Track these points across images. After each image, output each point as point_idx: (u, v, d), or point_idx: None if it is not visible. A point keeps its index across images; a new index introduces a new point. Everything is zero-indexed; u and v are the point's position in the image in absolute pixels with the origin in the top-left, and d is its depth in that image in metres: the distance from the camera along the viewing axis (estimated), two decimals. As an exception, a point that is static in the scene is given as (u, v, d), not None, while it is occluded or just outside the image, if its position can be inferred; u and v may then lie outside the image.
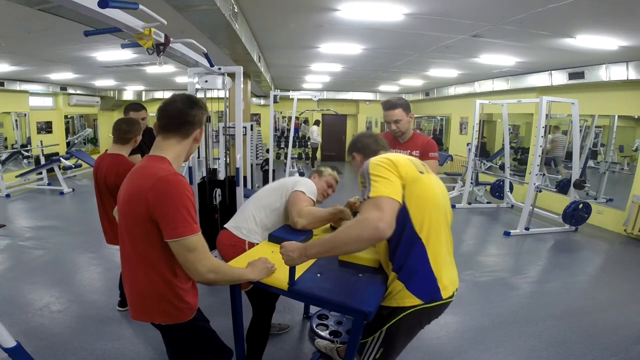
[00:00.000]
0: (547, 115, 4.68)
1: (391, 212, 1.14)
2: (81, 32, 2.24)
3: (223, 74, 3.34)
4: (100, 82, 8.29)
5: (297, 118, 10.81)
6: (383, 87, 9.91)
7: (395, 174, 1.24)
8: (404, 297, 1.28)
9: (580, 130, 5.45)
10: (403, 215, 1.24)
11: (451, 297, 1.33)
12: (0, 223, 4.75)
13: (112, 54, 4.82)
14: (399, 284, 1.29)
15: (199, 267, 1.15)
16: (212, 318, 1.48)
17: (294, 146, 8.28)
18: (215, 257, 1.90)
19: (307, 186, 1.98)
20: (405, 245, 1.28)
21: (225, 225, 2.01)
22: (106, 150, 2.40)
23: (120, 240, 1.25)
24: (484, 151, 8.15)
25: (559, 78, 5.36)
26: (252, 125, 5.22)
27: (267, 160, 7.35)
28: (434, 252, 1.29)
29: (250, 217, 1.95)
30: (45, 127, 8.39)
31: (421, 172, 1.32)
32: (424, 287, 1.28)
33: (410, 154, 2.39)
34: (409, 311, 1.28)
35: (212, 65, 3.16)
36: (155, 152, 1.23)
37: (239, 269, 1.38)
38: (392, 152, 1.57)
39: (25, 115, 7.81)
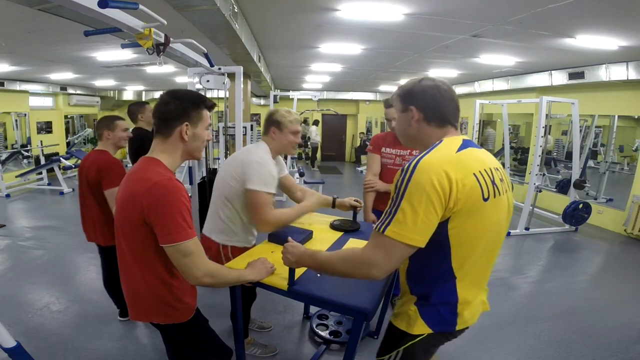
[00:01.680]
0: (547, 115, 4.69)
1: (396, 262, 0.99)
2: (81, 32, 2.25)
3: (223, 74, 3.35)
4: (100, 82, 8.29)
5: (297, 118, 10.80)
6: (383, 87, 9.91)
7: (438, 210, 0.95)
8: (414, 325, 1.12)
9: (580, 130, 5.46)
10: (442, 251, 1.03)
11: (467, 327, 1.17)
12: (0, 223, 4.75)
13: (112, 54, 4.82)
14: (413, 308, 1.13)
15: (195, 272, 1.14)
16: (211, 318, 1.48)
17: (294, 146, 8.27)
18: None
19: (260, 176, 1.65)
20: (435, 279, 1.10)
21: (203, 229, 1.87)
22: (93, 147, 2.37)
23: (117, 242, 1.24)
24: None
25: (559, 78, 5.36)
26: (252, 125, 5.23)
27: (267, 160, 7.34)
28: (466, 289, 1.10)
29: (217, 214, 1.79)
30: (45, 127, 8.38)
31: (485, 199, 0.99)
32: (439, 320, 1.12)
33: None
34: (420, 338, 1.14)
35: (212, 65, 3.16)
36: (149, 153, 1.22)
37: (237, 271, 1.36)
38: (454, 143, 1.06)
39: (25, 115, 7.80)
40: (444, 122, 1.10)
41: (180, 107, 1.18)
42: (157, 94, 10.60)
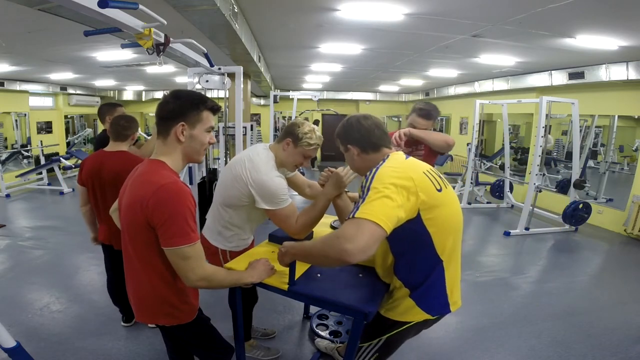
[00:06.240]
0: (547, 115, 4.69)
1: (369, 238, 1.01)
2: (81, 32, 2.25)
3: (223, 74, 3.35)
4: (100, 82, 8.29)
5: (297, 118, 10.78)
6: (383, 87, 9.91)
7: (403, 197, 1.09)
8: (415, 314, 1.25)
9: (580, 130, 5.45)
10: (425, 240, 1.19)
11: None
12: (0, 223, 4.75)
13: (112, 54, 4.82)
14: (410, 301, 1.25)
15: (190, 275, 1.14)
16: (211, 317, 1.48)
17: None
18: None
19: (274, 195, 1.56)
20: (425, 267, 1.23)
21: (203, 230, 1.83)
22: (101, 149, 2.20)
23: (123, 245, 1.25)
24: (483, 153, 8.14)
25: (559, 78, 5.36)
26: (252, 125, 5.23)
27: (267, 160, 7.33)
28: (451, 272, 1.26)
29: (218, 218, 1.75)
30: (45, 127, 8.38)
31: (439, 190, 1.19)
32: (436, 305, 1.26)
33: (417, 150, 2.37)
34: (409, 325, 1.27)
35: (212, 65, 3.17)
36: (153, 155, 1.22)
37: (236, 273, 1.36)
38: (399, 155, 1.29)
39: (25, 115, 7.80)
40: (378, 147, 1.30)
41: (179, 106, 1.16)
42: (157, 94, 10.60)
